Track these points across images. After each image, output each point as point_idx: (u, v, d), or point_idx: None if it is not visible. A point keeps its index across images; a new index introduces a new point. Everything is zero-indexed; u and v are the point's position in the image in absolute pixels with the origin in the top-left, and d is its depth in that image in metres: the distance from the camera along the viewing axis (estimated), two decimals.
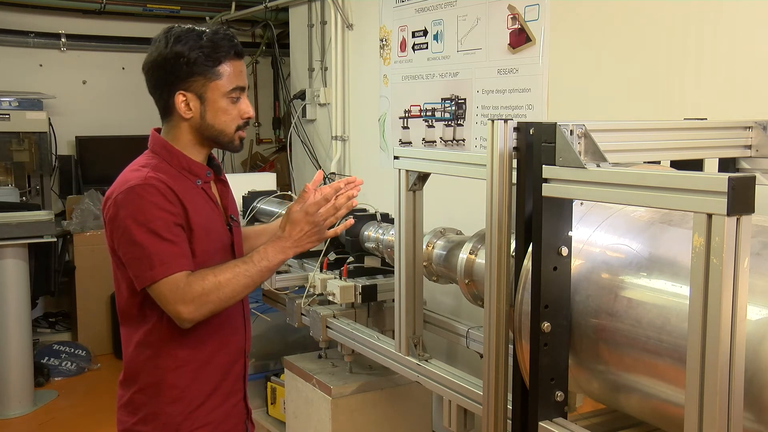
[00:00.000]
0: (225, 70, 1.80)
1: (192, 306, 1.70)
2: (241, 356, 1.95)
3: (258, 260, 1.76)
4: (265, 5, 4.92)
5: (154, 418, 1.83)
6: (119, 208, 1.73)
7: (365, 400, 2.90)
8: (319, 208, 1.79)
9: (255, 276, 1.76)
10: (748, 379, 1.22)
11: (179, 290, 1.69)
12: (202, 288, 1.70)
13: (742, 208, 1.16)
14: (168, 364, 1.82)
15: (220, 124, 1.82)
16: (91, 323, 5.12)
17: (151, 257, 1.70)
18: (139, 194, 1.72)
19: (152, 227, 1.70)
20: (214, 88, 1.80)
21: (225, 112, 1.82)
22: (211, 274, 1.72)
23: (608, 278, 1.53)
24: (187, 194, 1.80)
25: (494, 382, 1.68)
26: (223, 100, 1.81)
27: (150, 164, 1.81)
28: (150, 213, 1.71)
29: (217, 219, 1.87)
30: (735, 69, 2.28)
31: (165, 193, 1.73)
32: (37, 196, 5.17)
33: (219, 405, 1.88)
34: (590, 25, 2.75)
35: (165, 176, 1.78)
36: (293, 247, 1.80)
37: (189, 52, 1.76)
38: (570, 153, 1.47)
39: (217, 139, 1.84)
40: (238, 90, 1.82)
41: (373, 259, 2.94)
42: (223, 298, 1.73)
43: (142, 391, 1.84)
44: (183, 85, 1.79)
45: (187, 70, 1.77)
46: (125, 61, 5.65)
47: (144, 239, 1.70)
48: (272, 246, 1.79)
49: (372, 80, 3.93)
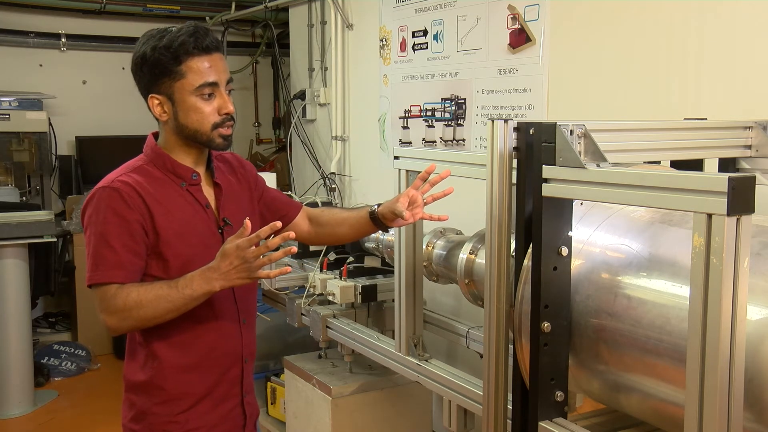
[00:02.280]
0: (189, 67, 1.75)
1: (114, 318, 1.72)
2: (238, 362, 1.92)
3: (182, 287, 1.72)
4: (265, 5, 4.92)
5: (143, 418, 1.84)
6: (85, 207, 1.78)
7: (365, 400, 2.90)
8: (251, 245, 1.67)
9: (177, 302, 1.72)
10: (748, 379, 1.22)
11: (106, 300, 1.72)
12: (124, 303, 1.71)
13: (742, 208, 1.16)
14: (155, 365, 1.83)
15: (193, 123, 1.79)
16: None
17: (94, 259, 1.73)
18: (101, 197, 1.75)
19: (101, 230, 1.73)
20: (180, 88, 1.76)
21: (196, 111, 1.77)
22: (136, 291, 1.72)
23: (608, 278, 1.53)
24: (164, 198, 1.79)
25: (494, 382, 1.68)
26: (192, 98, 1.77)
27: (131, 166, 1.82)
28: (103, 216, 1.73)
29: (201, 222, 1.84)
30: (735, 69, 2.28)
31: (127, 198, 1.74)
32: (37, 196, 5.17)
33: (211, 409, 1.87)
34: (590, 25, 2.75)
35: (141, 179, 1.78)
36: (220, 279, 1.70)
37: (150, 54, 1.75)
38: (570, 153, 1.47)
39: (195, 138, 1.81)
40: (208, 86, 1.76)
41: (373, 259, 2.94)
42: (144, 317, 1.72)
43: (134, 390, 1.86)
44: (153, 88, 1.78)
45: (153, 72, 1.76)
46: (125, 61, 5.54)
47: (92, 240, 1.74)
48: (200, 275, 1.72)
49: (372, 80, 3.93)
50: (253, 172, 2.07)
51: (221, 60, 1.80)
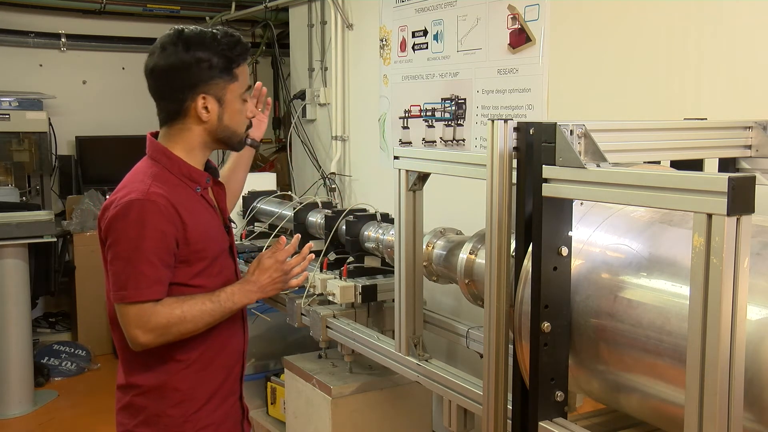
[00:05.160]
0: (241, 71, 1.84)
1: (151, 335, 1.73)
2: (241, 357, 1.97)
3: (224, 301, 1.80)
4: (265, 5, 4.92)
5: (156, 421, 1.83)
6: (117, 218, 1.72)
7: (365, 400, 2.90)
8: (287, 256, 1.87)
9: (217, 315, 1.80)
10: (748, 379, 1.22)
11: (143, 317, 1.71)
12: (167, 320, 1.72)
13: (742, 208, 1.16)
14: (171, 368, 1.82)
15: (235, 125, 1.87)
16: (91, 323, 5.12)
17: (128, 276, 1.71)
18: (138, 210, 1.71)
19: (140, 246, 1.70)
20: (233, 90, 1.83)
21: (239, 113, 1.87)
22: (180, 308, 1.74)
23: (608, 278, 1.53)
24: (187, 205, 1.79)
25: (494, 382, 1.68)
26: (238, 101, 1.85)
27: (151, 174, 1.79)
28: (142, 231, 1.70)
29: (215, 225, 1.88)
30: (735, 69, 2.28)
31: (165, 211, 1.72)
32: (37, 196, 5.17)
33: (219, 406, 1.89)
34: (590, 25, 2.75)
35: (167, 188, 1.77)
36: (258, 292, 1.85)
37: (212, 56, 1.78)
38: (570, 153, 1.47)
39: (229, 140, 1.88)
40: (248, 90, 1.88)
41: (373, 259, 2.94)
42: (183, 332, 1.76)
43: (144, 394, 1.84)
44: (204, 88, 1.79)
45: (210, 73, 1.79)
46: (125, 61, 5.65)
47: (128, 256, 1.71)
48: (239, 290, 1.84)
49: (372, 80, 3.93)
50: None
51: None
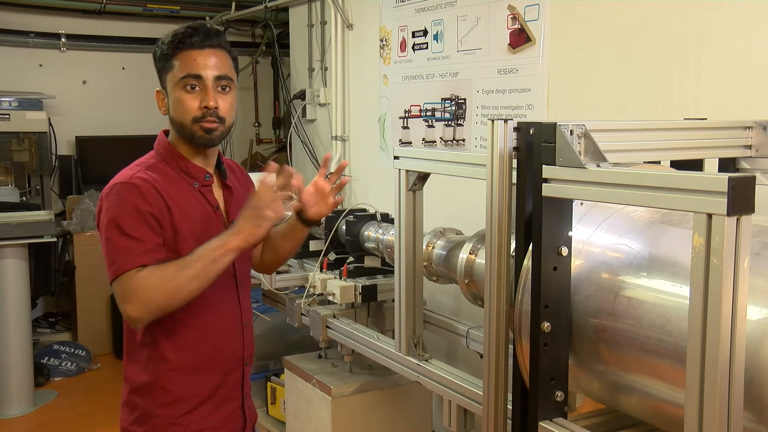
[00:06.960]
0: (178, 59, 1.76)
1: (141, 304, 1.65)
2: (239, 365, 1.92)
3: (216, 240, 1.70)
4: (265, 5, 4.92)
5: (146, 420, 1.83)
6: (102, 204, 1.75)
7: (365, 400, 2.90)
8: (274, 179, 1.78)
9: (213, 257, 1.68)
10: (748, 379, 1.22)
11: (130, 288, 1.66)
12: (152, 283, 1.65)
13: (742, 208, 1.16)
14: (160, 367, 1.81)
15: (178, 116, 1.78)
16: (91, 323, 5.12)
17: (114, 254, 1.69)
18: (119, 192, 1.72)
19: (120, 223, 1.69)
20: (170, 80, 1.78)
21: (179, 103, 1.76)
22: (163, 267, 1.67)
23: (608, 278, 1.53)
24: (179, 197, 1.79)
25: (494, 382, 1.68)
26: (177, 90, 1.76)
27: (146, 163, 1.81)
28: (122, 210, 1.70)
29: (213, 223, 1.84)
30: (735, 69, 2.28)
31: (146, 194, 1.72)
32: (37, 196, 5.17)
33: (213, 411, 1.87)
34: (590, 25, 2.75)
35: (157, 176, 1.77)
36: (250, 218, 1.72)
37: (156, 48, 1.80)
38: (570, 153, 1.47)
39: (181, 132, 1.80)
40: (192, 78, 1.75)
41: (373, 259, 2.94)
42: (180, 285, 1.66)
43: (137, 392, 1.85)
44: (160, 82, 1.83)
45: (156, 67, 1.81)
46: (125, 61, 5.64)
47: (111, 235, 1.70)
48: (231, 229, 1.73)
49: (372, 80, 3.93)
50: (251, 182, 2.07)
51: (215, 57, 1.79)
